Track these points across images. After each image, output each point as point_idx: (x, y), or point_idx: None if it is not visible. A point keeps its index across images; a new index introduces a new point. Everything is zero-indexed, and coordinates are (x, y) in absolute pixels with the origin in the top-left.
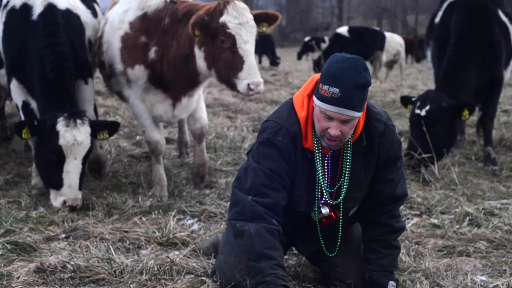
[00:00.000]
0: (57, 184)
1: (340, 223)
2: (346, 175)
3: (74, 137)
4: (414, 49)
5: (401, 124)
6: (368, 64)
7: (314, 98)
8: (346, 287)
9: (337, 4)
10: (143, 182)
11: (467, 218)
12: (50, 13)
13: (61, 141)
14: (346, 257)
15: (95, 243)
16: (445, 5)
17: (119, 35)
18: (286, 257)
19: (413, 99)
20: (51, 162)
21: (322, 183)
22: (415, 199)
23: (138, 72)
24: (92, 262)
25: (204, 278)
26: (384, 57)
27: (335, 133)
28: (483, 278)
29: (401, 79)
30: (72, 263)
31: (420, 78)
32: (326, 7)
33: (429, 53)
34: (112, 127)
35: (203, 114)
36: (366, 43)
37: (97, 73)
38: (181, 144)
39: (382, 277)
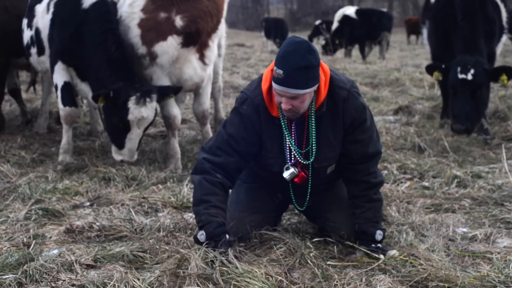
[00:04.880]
0: (120, 145)
1: (310, 181)
2: (313, 137)
3: (141, 113)
4: None
5: (402, 100)
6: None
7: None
8: (340, 238)
9: None
10: (159, 158)
11: (455, 180)
12: (103, 3)
13: (130, 117)
14: (337, 213)
15: (117, 208)
16: None
17: (135, 24)
18: (288, 216)
19: (443, 66)
20: (118, 127)
21: (292, 145)
22: (409, 165)
23: (171, 41)
24: (115, 222)
25: None
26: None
27: (285, 107)
28: (464, 229)
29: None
30: (97, 223)
31: (429, 58)
32: None
33: (425, 32)
34: (177, 91)
35: (206, 100)
36: (374, 24)
37: None
38: (216, 122)
39: (370, 227)
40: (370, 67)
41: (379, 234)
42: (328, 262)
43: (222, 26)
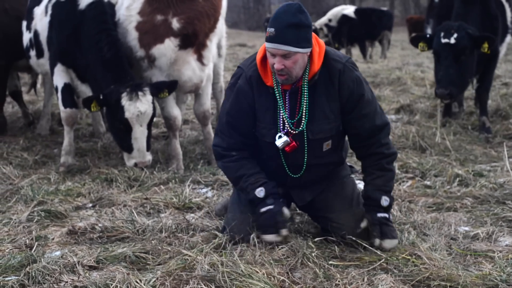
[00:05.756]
0: (128, 148)
1: (306, 150)
2: (305, 107)
3: (137, 108)
4: None
5: (404, 99)
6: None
7: None
8: (341, 237)
9: None
10: (161, 158)
11: (457, 179)
12: (99, 3)
13: (127, 114)
14: (340, 213)
15: (119, 209)
16: None
17: (133, 27)
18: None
19: (427, 35)
20: (121, 129)
21: (283, 113)
22: (411, 164)
23: (168, 44)
24: (117, 223)
25: (216, 232)
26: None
27: (278, 67)
28: (466, 228)
29: None
30: (99, 225)
31: (430, 56)
32: None
33: (429, 31)
34: (171, 86)
35: (207, 100)
36: (373, 23)
37: None
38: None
39: (376, 193)
40: (372, 66)
41: (385, 200)
42: (330, 262)
43: (222, 27)
